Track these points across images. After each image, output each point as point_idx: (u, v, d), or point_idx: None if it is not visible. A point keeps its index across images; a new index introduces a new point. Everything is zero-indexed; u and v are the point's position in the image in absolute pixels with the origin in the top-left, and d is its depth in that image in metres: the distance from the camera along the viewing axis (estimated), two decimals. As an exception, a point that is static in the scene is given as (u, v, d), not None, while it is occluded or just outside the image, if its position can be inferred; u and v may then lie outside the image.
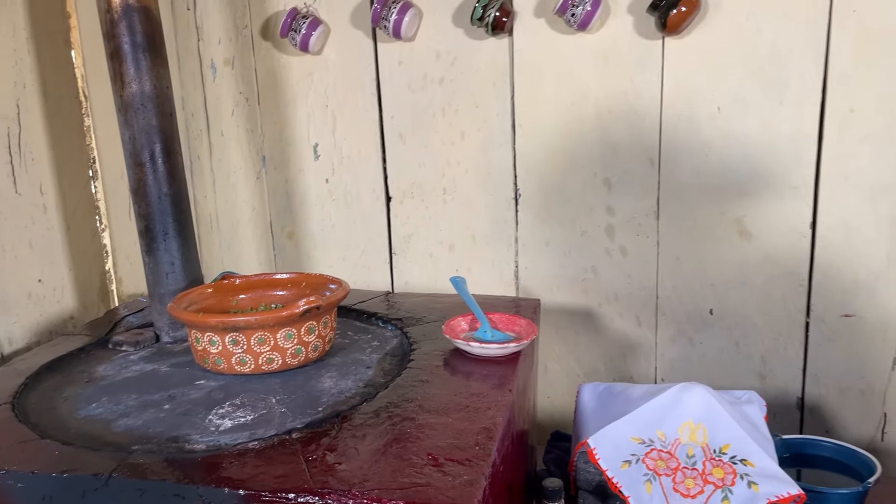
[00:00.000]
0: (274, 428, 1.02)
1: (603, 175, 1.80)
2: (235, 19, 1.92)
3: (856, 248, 1.69)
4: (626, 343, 1.88)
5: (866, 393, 1.76)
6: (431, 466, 0.91)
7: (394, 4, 1.73)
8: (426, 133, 1.87)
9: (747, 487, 1.07)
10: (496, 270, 1.92)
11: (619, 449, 1.14)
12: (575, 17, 1.65)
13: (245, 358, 1.15)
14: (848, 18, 1.58)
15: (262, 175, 2.02)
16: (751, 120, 1.68)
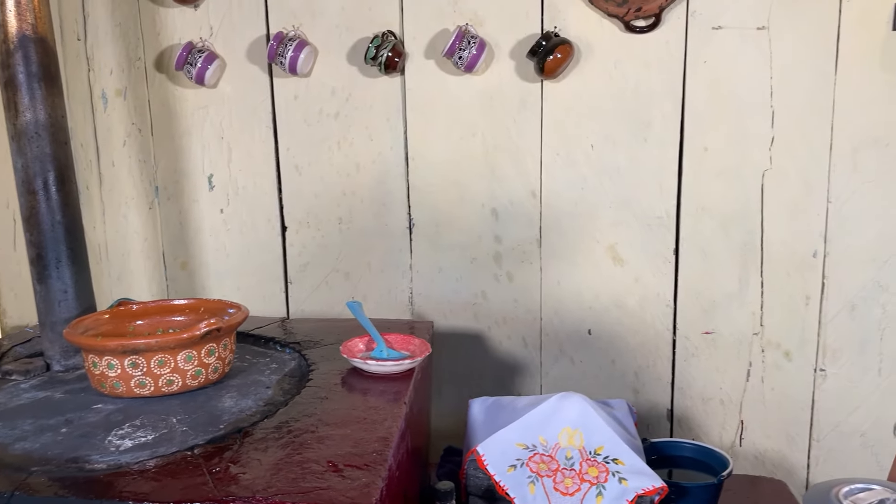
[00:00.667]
0: (175, 445, 1.05)
1: (490, 206, 1.92)
2: (129, 51, 1.93)
3: (712, 271, 1.89)
4: (514, 363, 1.99)
5: (725, 403, 1.95)
6: (332, 472, 0.97)
7: (290, 42, 1.81)
8: (322, 165, 1.94)
9: (618, 483, 1.19)
10: (392, 297, 2.00)
11: (506, 454, 1.24)
12: (462, 59, 1.78)
13: (145, 380, 1.17)
14: (700, 67, 1.80)
15: (154, 205, 2.02)
16: (620, 156, 1.86)
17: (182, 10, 1.89)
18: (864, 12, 1.73)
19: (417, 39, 1.85)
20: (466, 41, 1.77)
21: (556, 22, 1.81)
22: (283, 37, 1.82)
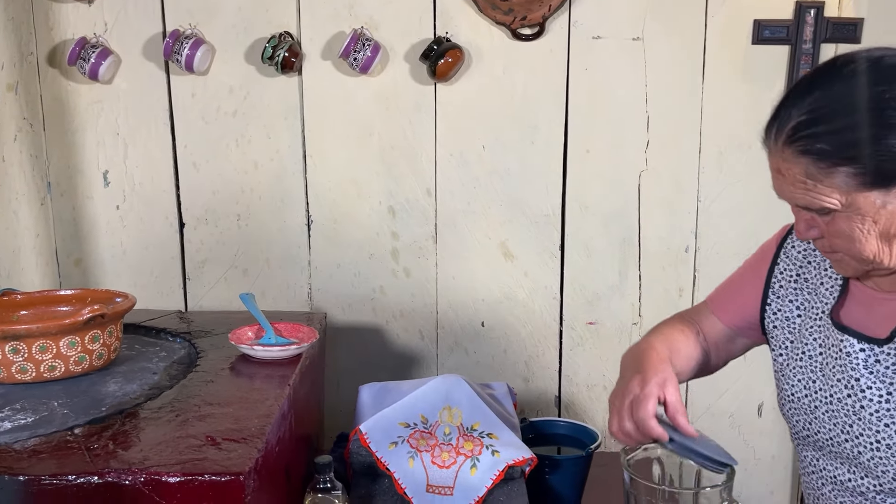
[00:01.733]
0: (55, 426, 1.06)
1: (387, 203, 1.99)
2: (20, 45, 1.90)
3: (595, 266, 2.01)
4: (411, 355, 2.06)
5: (609, 388, 2.04)
6: (210, 446, 1.01)
7: (186, 40, 1.83)
8: (220, 162, 1.97)
9: (491, 455, 1.28)
10: (291, 292, 2.04)
11: (387, 433, 1.30)
12: (357, 61, 1.85)
13: (26, 366, 1.17)
14: (581, 74, 1.92)
15: (47, 201, 1.99)
16: (510, 157, 1.97)
17: (76, 6, 1.88)
18: (728, 28, 1.90)
19: (314, 41, 1.91)
20: (361, 43, 1.84)
21: (448, 28, 1.89)
22: (180, 35, 1.84)
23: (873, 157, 0.86)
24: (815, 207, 0.92)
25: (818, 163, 0.88)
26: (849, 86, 0.87)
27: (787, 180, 0.92)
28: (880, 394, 0.96)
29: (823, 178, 0.88)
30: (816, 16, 1.87)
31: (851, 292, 1.04)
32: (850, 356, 0.98)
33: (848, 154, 0.86)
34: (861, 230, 0.90)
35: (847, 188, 0.88)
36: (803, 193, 0.91)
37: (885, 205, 0.88)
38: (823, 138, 0.87)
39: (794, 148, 0.89)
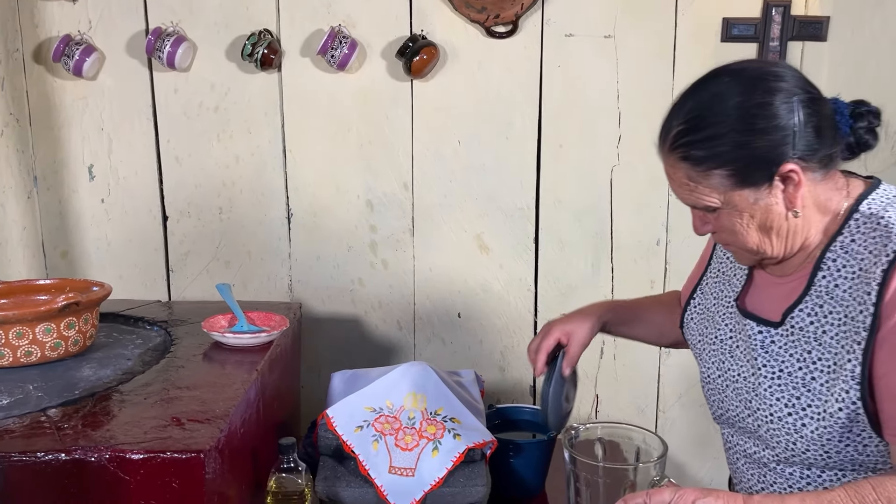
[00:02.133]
0: (29, 408, 1.11)
1: (366, 197, 2.04)
2: (6, 42, 1.95)
3: (568, 258, 2.06)
4: (389, 345, 2.11)
5: (582, 378, 2.11)
6: (175, 426, 1.06)
7: (167, 37, 1.88)
8: (202, 156, 2.02)
9: (453, 438, 1.32)
10: (272, 284, 2.09)
11: (353, 417, 1.35)
12: (334, 58, 1.89)
13: (3, 351, 1.22)
14: (554, 71, 1.97)
15: (33, 195, 2.04)
16: (485, 152, 2.01)
17: (60, 4, 1.93)
18: (697, 26, 1.94)
19: (293, 38, 1.95)
20: (339, 41, 1.88)
21: (423, 26, 1.94)
22: (162, 32, 1.89)
23: (741, 159, 0.95)
24: (699, 206, 1.01)
25: (696, 167, 0.97)
26: (717, 96, 0.97)
27: (675, 183, 1.02)
28: (773, 371, 1.04)
29: (702, 181, 0.98)
30: (784, 14, 1.92)
31: (755, 280, 1.12)
32: (751, 338, 1.06)
33: (720, 158, 0.96)
34: (741, 224, 0.99)
35: (723, 188, 0.97)
36: (688, 194, 1.01)
37: (757, 201, 0.97)
38: (698, 145, 0.96)
39: (676, 154, 0.99)
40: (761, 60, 1.00)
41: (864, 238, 0.98)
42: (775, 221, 0.99)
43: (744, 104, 0.95)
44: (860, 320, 0.95)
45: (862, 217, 0.99)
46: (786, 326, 1.03)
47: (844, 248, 1.00)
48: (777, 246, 1.01)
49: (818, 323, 1.00)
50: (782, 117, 0.94)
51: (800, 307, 1.02)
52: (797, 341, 1.02)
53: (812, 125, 0.96)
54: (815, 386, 0.99)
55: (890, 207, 0.99)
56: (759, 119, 0.94)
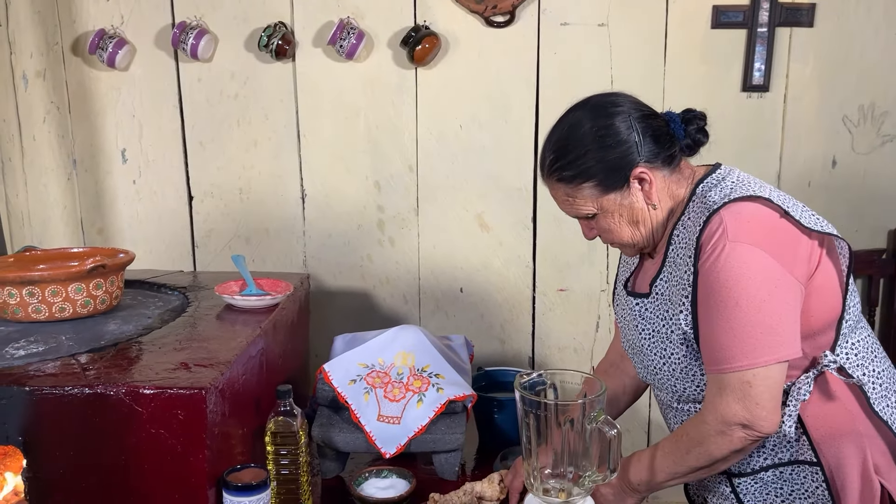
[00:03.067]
0: (61, 354, 1.28)
1: (374, 178, 2.18)
2: (47, 36, 2.14)
3: (565, 236, 2.17)
4: (396, 318, 2.26)
5: (578, 350, 2.24)
6: (182, 369, 1.22)
7: (191, 30, 2.04)
8: (223, 141, 2.18)
9: (436, 392, 1.46)
10: (288, 259, 2.25)
11: (348, 371, 1.50)
12: (343, 48, 2.04)
13: (40, 307, 1.40)
14: (551, 58, 2.08)
15: (72, 177, 2.23)
16: (485, 135, 2.14)
17: (96, 0, 2.11)
18: (687, 13, 2.04)
19: (306, 29, 2.10)
20: (347, 31, 2.02)
21: (426, 17, 2.07)
22: (186, 25, 2.06)
23: (601, 171, 1.16)
24: (581, 216, 1.22)
25: (569, 184, 1.19)
26: (572, 127, 1.19)
27: (559, 201, 1.24)
28: (648, 333, 1.24)
29: (577, 194, 1.19)
30: (772, 1, 2.00)
31: (641, 265, 1.32)
32: (633, 310, 1.27)
33: (584, 175, 1.17)
34: (615, 223, 1.21)
35: (594, 196, 1.18)
36: (570, 207, 1.22)
37: (622, 202, 1.18)
38: (567, 167, 1.18)
39: (553, 178, 1.21)
40: (602, 93, 1.24)
41: (694, 214, 1.17)
42: (639, 215, 1.20)
43: (593, 128, 1.17)
44: (686, 279, 1.15)
45: (696, 198, 1.19)
46: (653, 295, 1.23)
47: (683, 225, 1.19)
48: (646, 235, 1.22)
49: (669, 286, 1.20)
50: (623, 132, 1.16)
51: (659, 278, 1.22)
52: (659, 305, 1.22)
53: (649, 135, 1.17)
54: (673, 337, 1.19)
55: (714, 187, 1.17)
56: (607, 137, 1.16)
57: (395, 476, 1.45)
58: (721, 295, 1.08)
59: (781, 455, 1.19)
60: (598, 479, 1.12)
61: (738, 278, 1.07)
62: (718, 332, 1.09)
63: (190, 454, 1.16)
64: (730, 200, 1.12)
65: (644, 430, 2.27)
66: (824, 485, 1.16)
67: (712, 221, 1.11)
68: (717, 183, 1.18)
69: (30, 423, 1.16)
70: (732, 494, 1.24)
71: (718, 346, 1.09)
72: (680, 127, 1.20)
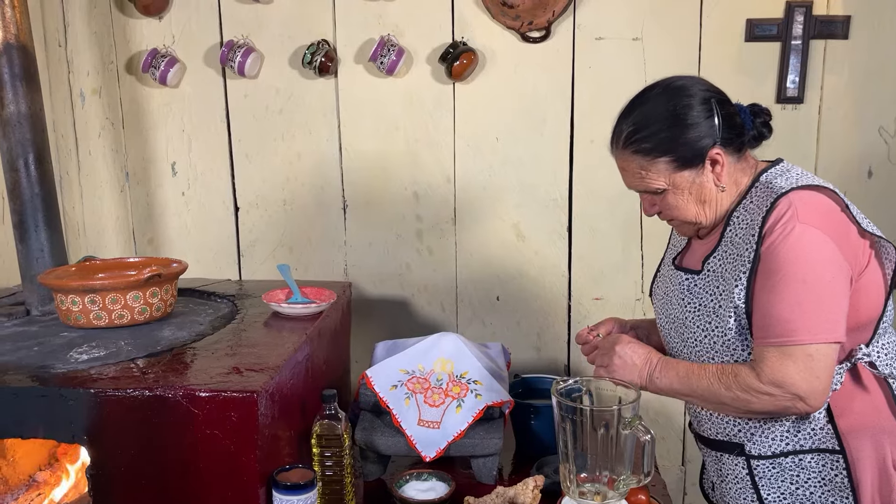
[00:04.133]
0: (121, 358, 1.36)
1: (412, 189, 2.24)
2: (103, 55, 2.25)
3: (600, 245, 2.21)
4: (434, 325, 2.31)
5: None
6: (235, 374, 1.29)
7: (238, 49, 2.13)
8: (268, 154, 2.26)
9: (474, 398, 1.51)
10: (329, 268, 2.32)
11: (389, 377, 1.56)
12: (383, 64, 2.11)
13: (101, 314, 1.48)
14: (585, 72, 2.12)
15: (125, 189, 2.34)
16: (521, 147, 2.19)
17: (149, 21, 2.21)
18: (722, 27, 2.07)
19: (348, 47, 2.18)
20: (387, 48, 2.09)
21: (464, 33, 2.13)
22: (234, 44, 2.15)
23: (678, 148, 1.22)
24: (650, 190, 1.27)
25: (645, 157, 1.24)
26: (654, 103, 1.25)
27: (628, 174, 1.29)
28: (694, 307, 1.28)
29: (651, 168, 1.24)
30: (806, 14, 2.02)
31: (690, 245, 1.39)
32: (681, 285, 1.32)
33: (663, 148, 1.22)
34: (683, 200, 1.26)
35: (668, 172, 1.24)
36: (640, 181, 1.27)
37: (694, 180, 1.24)
38: (645, 140, 1.23)
39: (628, 150, 1.26)
40: (682, 75, 1.29)
41: (758, 198, 1.22)
42: (707, 195, 1.26)
43: (676, 105, 1.23)
44: (746, 255, 1.20)
45: (760, 185, 1.25)
46: (704, 272, 1.29)
47: (745, 208, 1.24)
48: (710, 215, 1.28)
49: (723, 264, 1.25)
50: (704, 113, 1.23)
51: (714, 255, 1.27)
52: (710, 281, 1.27)
53: (727, 119, 1.24)
54: (720, 311, 1.23)
55: (780, 177, 1.23)
56: (689, 116, 1.22)
57: (434, 479, 1.50)
58: (788, 271, 1.13)
59: (804, 442, 1.24)
60: (632, 483, 1.16)
61: (807, 257, 1.14)
62: (783, 306, 1.14)
63: (242, 454, 1.23)
64: (798, 186, 1.19)
65: (679, 439, 2.29)
66: (844, 473, 1.21)
67: (781, 203, 1.16)
68: (783, 173, 1.24)
69: (93, 423, 1.24)
70: (748, 476, 1.29)
71: (782, 319, 1.14)
72: (749, 118, 1.27)
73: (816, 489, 1.23)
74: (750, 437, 1.27)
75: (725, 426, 1.30)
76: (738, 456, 1.29)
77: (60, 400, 1.23)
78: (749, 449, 1.27)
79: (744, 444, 1.28)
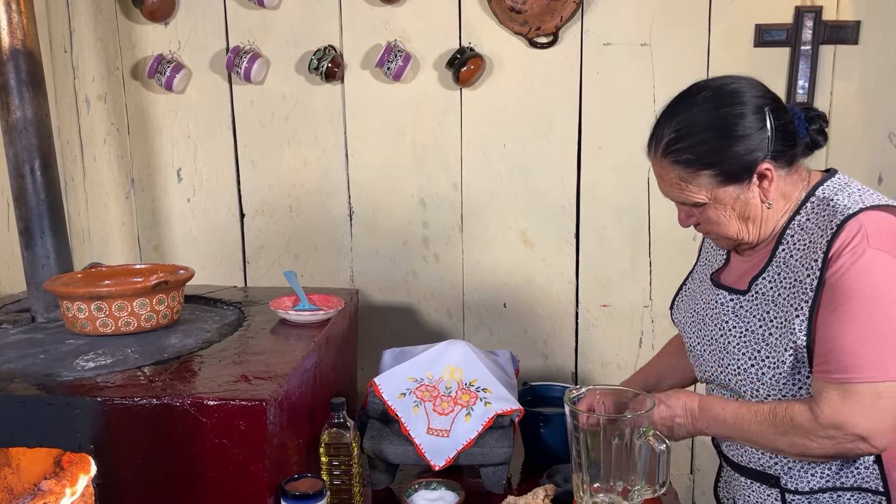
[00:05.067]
0: (128, 366, 1.35)
1: (419, 196, 2.23)
2: (108, 62, 2.24)
3: (608, 253, 2.20)
4: (441, 333, 2.30)
5: (622, 366, 2.25)
6: (243, 381, 1.28)
7: (244, 54, 2.12)
8: (274, 161, 2.25)
9: (483, 406, 1.49)
10: (335, 275, 2.31)
11: (398, 385, 1.54)
12: (390, 70, 2.10)
13: (107, 321, 1.47)
14: (593, 78, 2.11)
15: (130, 195, 2.33)
16: (528, 154, 2.18)
17: (154, 27, 2.20)
18: (730, 32, 2.06)
19: (355, 52, 2.17)
20: (394, 54, 2.08)
21: (471, 39, 2.12)
22: (240, 50, 2.14)
23: (724, 161, 1.11)
24: (689, 203, 1.17)
25: (686, 169, 1.13)
26: (701, 109, 1.12)
27: (666, 183, 1.18)
28: (740, 331, 1.19)
29: (692, 180, 1.13)
30: (815, 19, 2.01)
31: (730, 261, 1.28)
32: (723, 305, 1.22)
33: (707, 161, 1.11)
34: (724, 216, 1.15)
35: (710, 186, 1.13)
36: (679, 192, 1.17)
37: (739, 196, 1.14)
38: (688, 151, 1.12)
39: (668, 159, 1.14)
40: (730, 76, 1.14)
41: (816, 217, 1.14)
42: (752, 212, 1.16)
43: (725, 114, 1.11)
44: (808, 283, 1.11)
45: (816, 200, 1.15)
46: (751, 293, 1.19)
47: (801, 226, 1.15)
48: (753, 232, 1.18)
49: (776, 288, 1.16)
50: (756, 124, 1.11)
51: (763, 276, 1.18)
52: (759, 304, 1.18)
53: (780, 130, 1.12)
54: (771, 340, 1.15)
55: (840, 192, 1.14)
56: (739, 127, 1.11)
57: (444, 488, 1.48)
58: (857, 300, 1.04)
59: (845, 480, 1.17)
60: (647, 494, 1.14)
61: (878, 286, 1.04)
62: (850, 339, 1.05)
63: (250, 463, 1.21)
64: (867, 207, 1.09)
65: (688, 447, 2.27)
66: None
67: (849, 226, 1.07)
68: (843, 188, 1.15)
69: (100, 431, 1.23)
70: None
71: (848, 352, 1.05)
72: (804, 125, 1.16)
73: None
74: (787, 472, 1.20)
75: (761, 456, 1.23)
76: (773, 488, 1.23)
77: (67, 408, 1.21)
78: (785, 483, 1.20)
79: (780, 478, 1.21)
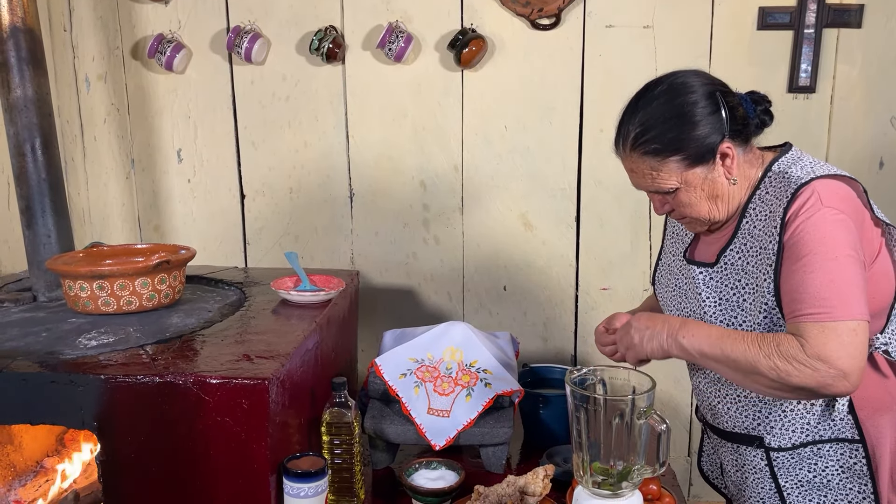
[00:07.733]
0: (130, 344, 1.35)
1: (419, 178, 2.23)
2: (108, 41, 2.23)
3: (608, 236, 2.20)
4: (441, 315, 2.30)
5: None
6: (245, 360, 1.28)
7: (245, 34, 2.11)
8: (275, 141, 2.25)
9: (484, 387, 1.50)
10: (336, 257, 2.31)
11: (399, 366, 1.55)
12: (391, 51, 2.09)
13: (109, 300, 1.47)
14: (595, 60, 2.11)
15: (131, 175, 2.32)
16: (529, 137, 2.17)
17: (154, 6, 2.19)
18: (733, 15, 2.05)
19: (356, 33, 2.16)
20: (395, 35, 2.07)
21: (473, 20, 2.11)
22: (240, 30, 2.13)
23: (689, 146, 1.19)
24: (662, 190, 1.24)
25: (655, 158, 1.20)
26: (659, 102, 1.21)
27: (638, 175, 1.25)
28: (714, 301, 1.25)
29: (662, 168, 1.21)
30: (819, 2, 2.00)
31: (699, 238, 1.36)
32: (695, 279, 1.28)
33: (673, 147, 1.19)
34: (695, 197, 1.23)
35: (679, 170, 1.21)
36: (651, 182, 1.24)
37: (706, 176, 1.21)
38: (654, 141, 1.19)
39: (637, 151, 1.22)
40: (678, 71, 1.25)
41: (774, 189, 1.20)
42: (719, 190, 1.23)
43: (681, 104, 1.19)
44: (770, 248, 1.18)
45: (773, 175, 1.22)
46: (720, 265, 1.26)
47: (761, 199, 1.22)
48: (722, 209, 1.25)
49: (744, 257, 1.23)
50: (711, 107, 1.19)
51: (730, 248, 1.25)
52: (730, 274, 1.25)
53: (732, 111, 1.20)
54: (746, 306, 1.21)
55: (794, 165, 1.21)
56: (696, 112, 1.19)
57: (444, 468, 1.49)
58: (818, 249, 1.10)
59: (823, 432, 1.23)
60: (647, 473, 1.15)
61: (835, 236, 1.11)
62: (817, 284, 1.10)
63: (253, 441, 1.22)
64: (819, 176, 1.16)
65: (685, 429, 2.28)
66: (864, 461, 1.21)
67: (803, 192, 1.14)
68: (796, 161, 1.22)
69: (103, 409, 1.24)
70: (767, 468, 1.28)
71: (818, 296, 1.09)
72: (751, 107, 1.23)
73: (834, 476, 1.23)
74: (769, 430, 1.26)
75: (744, 419, 1.29)
76: (757, 448, 1.28)
77: (70, 386, 1.22)
78: (769, 441, 1.26)
79: (763, 437, 1.27)
